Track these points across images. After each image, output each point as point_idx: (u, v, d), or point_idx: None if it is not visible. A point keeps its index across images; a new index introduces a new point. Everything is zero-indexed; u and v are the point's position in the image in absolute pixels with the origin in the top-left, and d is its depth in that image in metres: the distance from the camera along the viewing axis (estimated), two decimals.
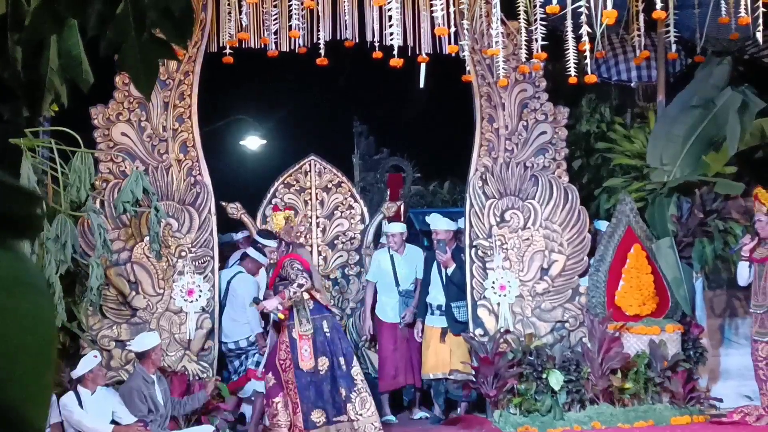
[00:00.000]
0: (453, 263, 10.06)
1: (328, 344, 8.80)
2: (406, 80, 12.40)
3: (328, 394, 8.80)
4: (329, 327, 8.84)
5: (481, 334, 9.86)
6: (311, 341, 8.78)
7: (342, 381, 8.79)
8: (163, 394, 8.51)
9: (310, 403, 8.71)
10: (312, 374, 8.77)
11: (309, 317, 8.82)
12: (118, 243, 9.52)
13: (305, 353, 8.77)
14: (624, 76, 11.96)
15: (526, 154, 10.30)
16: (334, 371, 8.79)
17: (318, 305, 8.91)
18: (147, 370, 8.46)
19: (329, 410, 8.78)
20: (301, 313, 8.82)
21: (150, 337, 8.65)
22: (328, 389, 8.80)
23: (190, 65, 9.85)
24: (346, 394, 8.77)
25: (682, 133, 10.45)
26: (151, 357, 8.48)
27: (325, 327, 8.80)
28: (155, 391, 8.44)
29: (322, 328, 8.79)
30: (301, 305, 8.82)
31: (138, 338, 8.74)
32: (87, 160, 8.46)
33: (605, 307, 9.87)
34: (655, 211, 10.34)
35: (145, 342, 8.55)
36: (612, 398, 9.52)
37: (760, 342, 9.16)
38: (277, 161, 13.97)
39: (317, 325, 8.82)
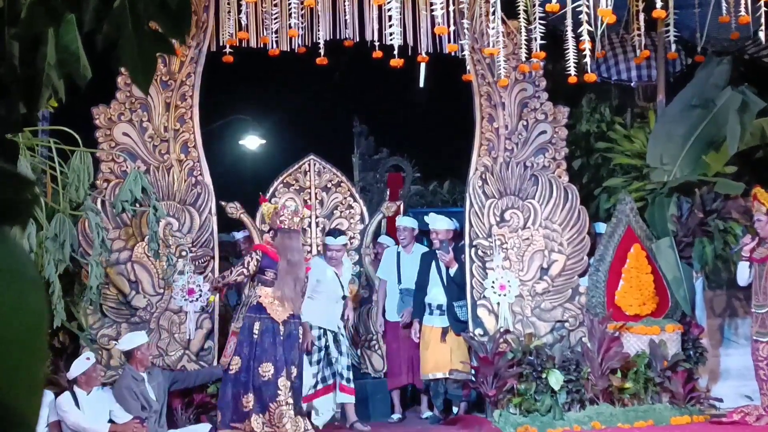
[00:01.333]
0: (456, 264, 10.07)
1: (250, 347, 8.51)
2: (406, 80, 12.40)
3: (233, 397, 8.59)
4: (259, 330, 8.50)
5: (480, 334, 9.85)
6: (237, 339, 8.70)
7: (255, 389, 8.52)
8: (155, 389, 8.51)
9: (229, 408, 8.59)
10: (226, 372, 8.67)
11: (244, 314, 8.75)
12: (119, 242, 9.52)
13: (229, 349, 8.77)
14: (624, 75, 11.96)
15: (526, 153, 10.30)
16: (250, 376, 8.52)
17: (259, 305, 8.72)
18: (135, 368, 8.47)
19: (226, 413, 8.59)
20: (241, 310, 8.87)
21: (136, 336, 8.66)
22: (236, 392, 8.58)
23: (192, 66, 9.86)
24: (254, 404, 8.47)
25: (682, 132, 10.44)
26: (137, 355, 8.49)
27: (255, 329, 8.49)
28: (146, 388, 8.44)
29: (251, 328, 8.48)
30: (246, 301, 8.86)
31: (124, 337, 8.76)
32: (86, 159, 8.45)
33: (605, 306, 9.87)
34: (655, 210, 10.34)
35: (131, 341, 8.57)
36: (612, 398, 9.52)
37: (761, 342, 9.15)
38: (276, 161, 13.99)
39: (246, 324, 8.62)
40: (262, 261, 8.81)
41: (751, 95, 10.24)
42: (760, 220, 9.24)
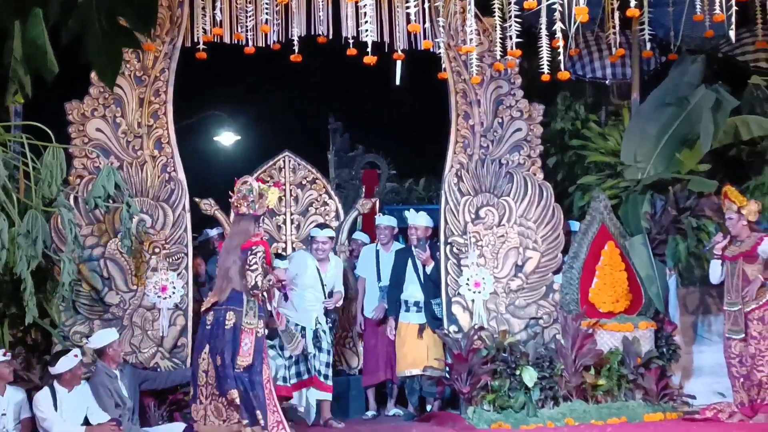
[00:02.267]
0: (432, 261, 10.08)
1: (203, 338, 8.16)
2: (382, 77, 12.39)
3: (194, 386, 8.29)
4: (212, 320, 8.11)
5: (455, 331, 9.86)
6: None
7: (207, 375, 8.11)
8: (127, 386, 8.48)
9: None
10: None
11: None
12: (92, 239, 9.47)
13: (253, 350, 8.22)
14: (599, 73, 11.99)
15: (501, 151, 10.31)
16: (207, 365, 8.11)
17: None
18: (108, 365, 8.44)
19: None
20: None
21: (107, 333, 8.62)
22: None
23: (166, 62, 9.81)
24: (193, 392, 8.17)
25: (656, 130, 10.48)
26: (109, 353, 8.46)
27: (207, 320, 8.15)
28: (119, 385, 8.41)
29: (205, 323, 8.18)
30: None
31: (95, 335, 8.71)
32: (59, 155, 8.41)
33: (579, 303, 9.89)
34: (628, 208, 10.37)
35: (103, 338, 8.53)
36: (585, 395, 9.55)
37: (733, 339, 9.20)
38: (251, 157, 13.95)
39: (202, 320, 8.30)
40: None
41: (725, 93, 10.28)
42: (731, 219, 9.29)
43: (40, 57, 2.19)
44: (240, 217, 8.29)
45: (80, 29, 1.98)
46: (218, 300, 8.10)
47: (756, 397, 9.09)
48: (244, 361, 7.94)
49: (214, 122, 17.05)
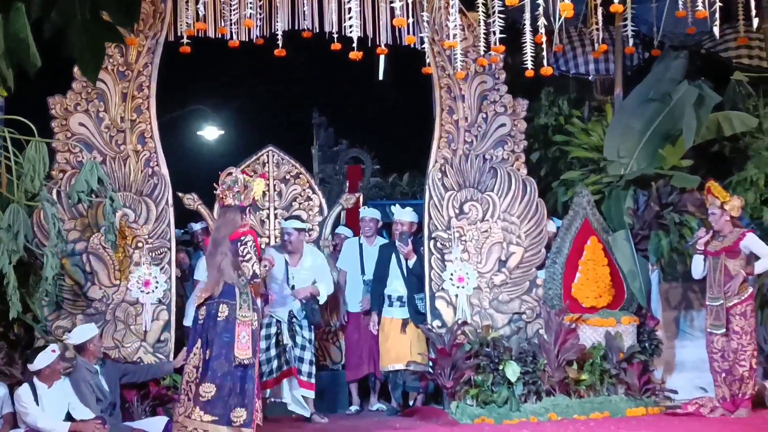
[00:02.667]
0: (414, 255, 10.10)
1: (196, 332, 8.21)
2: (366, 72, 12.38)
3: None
4: (204, 314, 8.16)
5: (438, 326, 9.87)
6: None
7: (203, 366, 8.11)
8: (108, 381, 8.47)
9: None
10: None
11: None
12: (75, 233, 9.44)
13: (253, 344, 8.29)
14: (582, 69, 12.04)
15: (485, 146, 10.33)
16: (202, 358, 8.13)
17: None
18: (88, 360, 8.42)
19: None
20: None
21: (87, 329, 8.60)
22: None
23: (149, 56, 9.79)
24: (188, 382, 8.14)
25: (639, 126, 10.51)
26: (89, 348, 8.44)
27: (199, 316, 8.20)
28: (100, 380, 8.40)
29: (197, 318, 8.22)
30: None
31: (75, 330, 8.68)
32: (41, 149, 8.39)
33: (562, 299, 9.92)
34: (611, 203, 10.40)
35: (83, 334, 8.50)
36: (568, 390, 9.57)
37: (715, 334, 9.24)
38: (234, 152, 13.92)
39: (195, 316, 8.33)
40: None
41: (708, 89, 10.32)
42: (714, 214, 9.32)
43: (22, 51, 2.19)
44: (225, 209, 8.32)
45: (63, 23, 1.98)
46: (212, 294, 8.13)
47: (737, 392, 9.13)
48: (244, 354, 7.97)
49: (197, 117, 17.01)
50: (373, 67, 12.15)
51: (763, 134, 10.50)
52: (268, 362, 9.55)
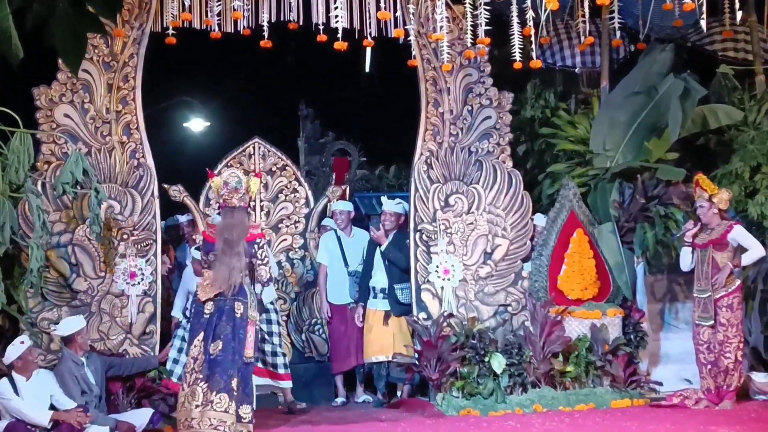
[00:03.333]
0: (386, 239, 10.11)
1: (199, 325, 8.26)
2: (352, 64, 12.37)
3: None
4: (212, 310, 8.25)
5: (424, 318, 9.88)
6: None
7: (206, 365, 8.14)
8: (94, 373, 8.44)
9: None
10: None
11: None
12: (60, 225, 9.41)
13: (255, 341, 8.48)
14: (568, 62, 12.04)
15: (470, 138, 10.33)
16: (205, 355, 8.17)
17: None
18: (74, 352, 8.40)
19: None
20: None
21: (75, 321, 8.58)
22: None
23: (135, 47, 9.76)
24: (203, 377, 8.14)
25: (625, 119, 10.53)
26: (77, 340, 8.42)
27: (204, 310, 8.26)
28: (86, 372, 8.38)
29: (202, 312, 8.28)
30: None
31: (63, 322, 8.66)
32: (26, 140, 8.35)
33: (547, 291, 9.94)
34: (597, 196, 10.42)
35: (70, 326, 8.48)
36: (553, 381, 9.60)
37: (702, 326, 9.26)
38: (221, 144, 13.88)
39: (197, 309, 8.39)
40: (205, 247, 8.50)
41: (693, 82, 10.33)
42: (702, 206, 9.33)
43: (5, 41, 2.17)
44: (232, 210, 8.40)
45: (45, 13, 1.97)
46: (223, 291, 8.19)
47: (722, 384, 9.17)
48: (250, 353, 8.14)
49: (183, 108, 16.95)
50: (360, 59, 12.12)
51: (749, 127, 10.53)
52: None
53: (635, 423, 8.36)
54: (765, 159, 10.31)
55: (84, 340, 8.53)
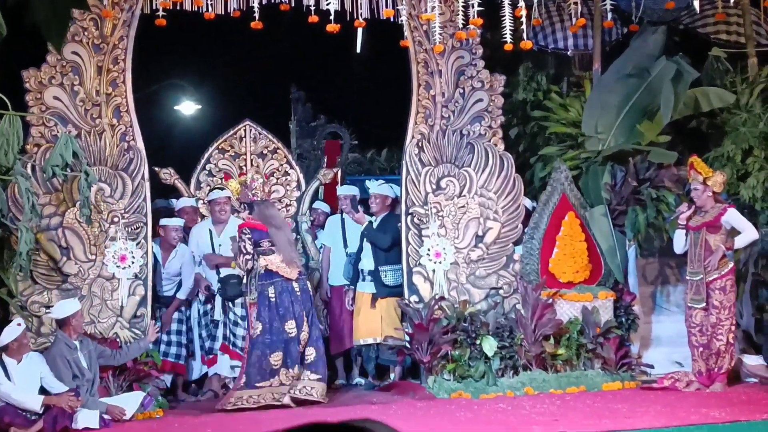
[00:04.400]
0: (365, 220, 10.16)
1: (270, 310, 9.03)
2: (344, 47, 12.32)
3: (263, 358, 9.03)
4: (276, 293, 9.06)
5: (416, 301, 9.88)
6: (257, 308, 9.06)
7: (282, 345, 9.04)
8: (87, 358, 8.43)
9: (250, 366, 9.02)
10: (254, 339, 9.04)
11: (257, 284, 9.08)
12: (50, 208, 9.38)
13: (253, 319, 9.08)
14: (561, 44, 12.01)
15: (462, 121, 10.31)
16: (276, 336, 9.03)
17: (268, 272, 9.13)
18: (68, 335, 8.38)
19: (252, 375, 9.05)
20: (251, 282, 9.13)
21: (70, 304, 8.57)
22: (266, 353, 9.02)
23: (125, 29, 9.71)
24: (283, 359, 9.01)
25: (617, 102, 10.51)
26: (71, 323, 8.42)
27: (270, 293, 9.03)
28: (79, 356, 8.36)
29: (266, 294, 9.02)
30: (253, 273, 9.12)
31: (58, 305, 8.65)
32: (16, 123, 8.32)
33: (539, 274, 9.94)
34: (589, 179, 10.41)
35: (65, 309, 8.47)
36: (544, 364, 9.61)
37: (695, 308, 9.26)
38: (211, 126, 13.84)
39: (259, 291, 9.04)
40: (253, 236, 9.11)
41: (685, 65, 10.31)
42: (696, 189, 9.30)
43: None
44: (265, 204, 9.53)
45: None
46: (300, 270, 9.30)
47: (714, 366, 9.18)
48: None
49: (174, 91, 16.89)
50: (352, 41, 12.08)
51: (741, 110, 10.51)
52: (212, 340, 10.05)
53: (626, 405, 8.36)
54: (757, 142, 10.29)
55: (78, 324, 8.52)
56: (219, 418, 8.53)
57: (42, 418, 7.82)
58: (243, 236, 9.15)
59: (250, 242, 9.12)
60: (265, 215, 9.37)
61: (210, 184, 10.58)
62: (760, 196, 10.01)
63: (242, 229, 9.22)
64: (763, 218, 10.04)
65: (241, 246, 9.13)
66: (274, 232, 9.24)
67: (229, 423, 8.23)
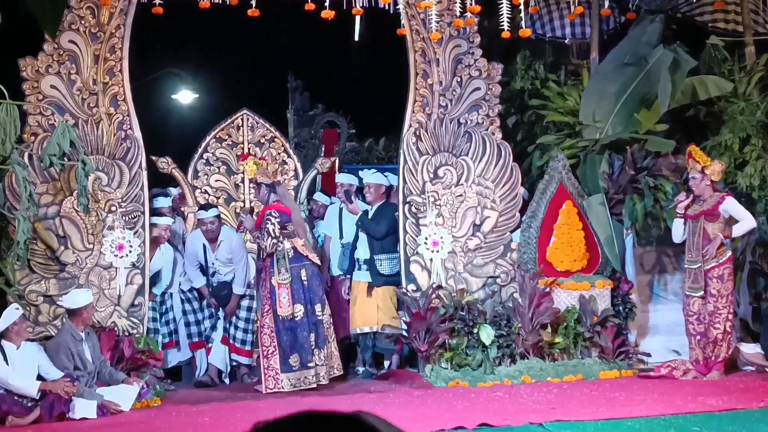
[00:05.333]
0: (359, 210, 10.17)
1: (304, 292, 9.24)
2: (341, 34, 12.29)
3: (303, 340, 9.21)
4: (307, 275, 9.26)
5: (413, 290, 9.89)
6: (289, 289, 9.16)
7: (314, 327, 9.26)
8: (92, 350, 8.42)
9: (287, 348, 9.15)
10: (289, 321, 9.18)
11: (287, 266, 9.19)
12: (47, 197, 9.38)
13: (283, 300, 9.16)
14: (558, 32, 11.99)
15: (459, 110, 10.30)
16: (309, 318, 9.24)
17: (297, 255, 9.27)
18: (76, 326, 8.37)
19: (303, 355, 9.21)
20: (280, 263, 9.19)
21: (82, 295, 8.54)
22: (304, 335, 9.21)
23: (122, 18, 9.68)
24: (315, 341, 9.25)
25: (614, 90, 10.51)
26: (83, 315, 8.41)
27: (303, 275, 9.23)
28: (83, 348, 8.34)
29: (300, 276, 9.22)
30: (281, 254, 9.18)
31: (70, 295, 8.62)
32: (12, 112, 8.32)
33: (536, 262, 9.94)
34: (587, 167, 10.41)
35: (78, 299, 8.45)
36: (542, 353, 9.62)
37: (692, 297, 9.28)
38: (209, 115, 13.82)
39: (294, 273, 9.20)
40: (281, 218, 9.23)
41: (683, 54, 10.30)
42: (694, 178, 9.31)
43: None
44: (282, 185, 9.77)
45: None
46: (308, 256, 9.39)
47: (711, 355, 9.20)
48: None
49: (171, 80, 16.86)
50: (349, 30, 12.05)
51: (738, 99, 10.51)
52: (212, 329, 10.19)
53: (623, 394, 8.39)
54: (754, 130, 10.30)
55: (89, 315, 8.54)
56: (216, 406, 8.53)
57: (39, 405, 7.83)
58: (271, 218, 9.22)
59: (279, 225, 9.21)
60: (286, 196, 9.59)
61: (207, 173, 10.58)
62: (758, 184, 10.02)
63: (270, 211, 9.27)
64: (760, 207, 10.05)
65: (269, 229, 9.18)
66: (295, 216, 9.43)
67: (227, 411, 8.24)
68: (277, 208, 9.29)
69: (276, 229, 9.18)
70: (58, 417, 7.84)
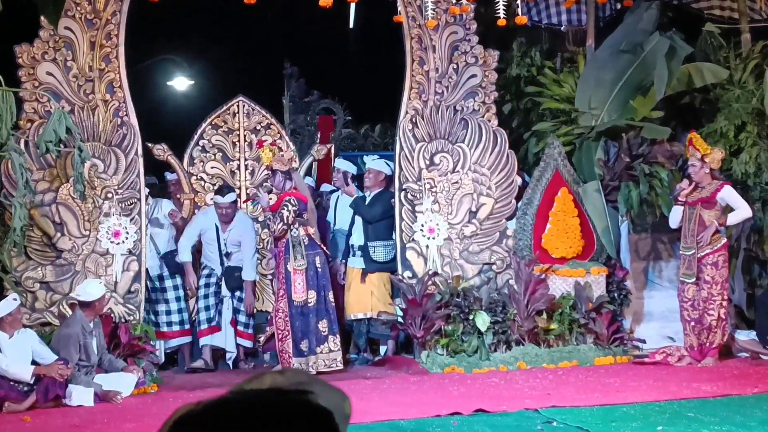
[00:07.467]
0: (355, 193, 10.30)
1: (318, 279, 9.37)
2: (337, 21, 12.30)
3: (314, 326, 9.34)
4: (321, 263, 9.41)
5: (409, 276, 9.91)
6: (304, 275, 9.28)
7: (325, 314, 9.39)
8: (98, 341, 8.43)
9: (299, 333, 9.28)
10: (302, 306, 9.31)
11: (303, 253, 9.30)
12: (44, 183, 9.37)
13: (298, 286, 9.28)
14: (554, 19, 12.00)
15: (456, 97, 10.30)
16: (320, 305, 9.38)
17: (312, 242, 9.40)
18: (88, 318, 8.35)
19: (312, 340, 9.34)
20: (296, 249, 9.29)
21: (97, 287, 8.50)
22: (314, 321, 9.34)
23: (118, 4, 9.66)
24: (327, 326, 9.39)
25: (610, 77, 10.50)
26: (95, 306, 8.41)
27: (317, 263, 9.37)
28: (90, 340, 8.33)
29: (315, 263, 9.36)
30: (297, 241, 9.28)
31: (83, 286, 8.54)
32: (9, 98, 8.31)
33: (532, 249, 9.96)
34: (582, 155, 10.42)
35: (93, 291, 8.41)
36: (537, 339, 9.65)
37: (687, 283, 9.31)
38: (205, 102, 13.82)
39: (310, 260, 9.33)
40: (299, 206, 9.31)
41: (679, 41, 10.31)
42: (694, 166, 9.32)
43: None
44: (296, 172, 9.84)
45: None
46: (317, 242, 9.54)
47: (705, 341, 9.24)
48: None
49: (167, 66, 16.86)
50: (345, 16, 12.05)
51: (734, 86, 10.52)
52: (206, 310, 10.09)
53: (618, 380, 8.43)
54: (750, 118, 10.31)
55: (101, 308, 8.54)
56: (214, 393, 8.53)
57: (35, 390, 7.85)
58: (288, 205, 9.27)
59: (295, 213, 9.28)
60: (301, 185, 9.67)
61: (203, 159, 10.60)
62: (753, 171, 10.04)
63: (290, 198, 9.31)
64: (755, 194, 10.07)
65: (284, 215, 9.24)
66: (310, 205, 9.55)
67: None
68: (297, 196, 9.37)
69: (291, 216, 9.24)
70: (54, 400, 7.86)
